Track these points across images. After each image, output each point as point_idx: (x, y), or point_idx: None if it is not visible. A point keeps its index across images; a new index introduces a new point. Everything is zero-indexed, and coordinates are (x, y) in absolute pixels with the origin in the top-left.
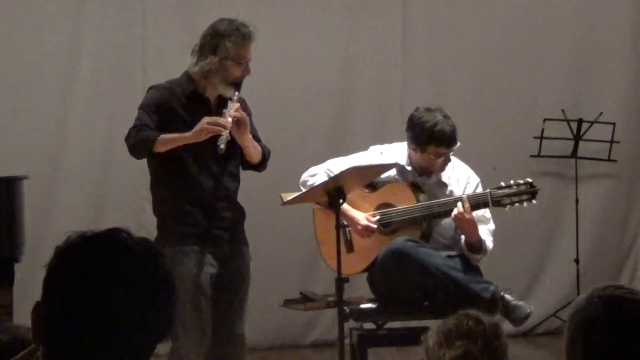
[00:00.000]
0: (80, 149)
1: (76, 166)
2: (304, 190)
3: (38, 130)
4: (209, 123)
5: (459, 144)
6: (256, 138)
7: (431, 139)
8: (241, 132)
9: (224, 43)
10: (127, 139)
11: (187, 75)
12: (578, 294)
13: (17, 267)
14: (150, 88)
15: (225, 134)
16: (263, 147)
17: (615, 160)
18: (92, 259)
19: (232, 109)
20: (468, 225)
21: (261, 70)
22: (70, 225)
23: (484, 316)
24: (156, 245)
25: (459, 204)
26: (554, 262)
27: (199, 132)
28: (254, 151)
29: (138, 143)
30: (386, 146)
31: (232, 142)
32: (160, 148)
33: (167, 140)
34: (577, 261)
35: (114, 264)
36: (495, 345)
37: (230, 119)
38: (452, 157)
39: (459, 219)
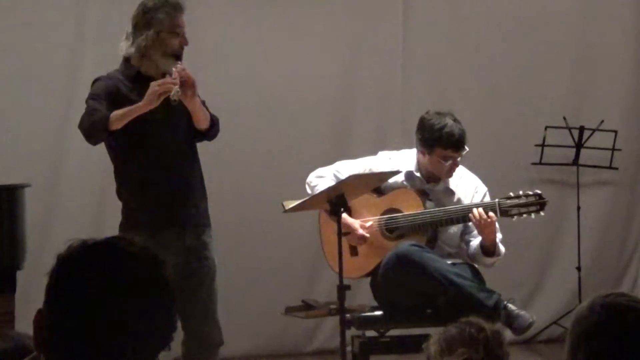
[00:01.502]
0: (80, 156)
1: (77, 173)
2: (309, 190)
3: (39, 137)
4: (157, 85)
5: (467, 149)
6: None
7: (439, 141)
8: (189, 95)
9: (156, 16)
10: (80, 125)
11: (126, 60)
12: (579, 301)
13: (19, 275)
14: (95, 80)
15: (175, 88)
16: (212, 114)
17: (616, 168)
18: (93, 266)
19: (177, 70)
20: (489, 229)
21: (261, 74)
22: (72, 232)
23: (486, 323)
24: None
25: (474, 210)
26: (556, 269)
27: (150, 97)
28: (202, 115)
29: (92, 125)
30: (395, 152)
31: (181, 116)
32: (116, 125)
33: (121, 115)
34: (578, 269)
35: (115, 271)
36: (497, 353)
37: (177, 78)
38: (460, 167)
39: (481, 223)
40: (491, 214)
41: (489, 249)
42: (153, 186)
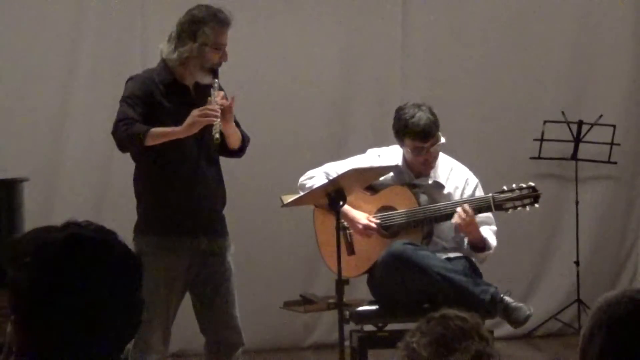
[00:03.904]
0: (79, 150)
1: (76, 168)
2: (301, 192)
3: (37, 131)
4: (199, 115)
5: (443, 140)
6: (236, 124)
7: (406, 130)
8: (226, 120)
9: (203, 29)
10: (114, 133)
11: (164, 63)
12: (578, 296)
13: None
14: (129, 79)
15: (217, 123)
16: (242, 132)
17: (615, 162)
18: (47, 266)
19: (218, 97)
20: (470, 228)
21: (260, 70)
22: None
23: (458, 311)
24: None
25: (458, 211)
26: (554, 264)
27: (191, 125)
28: (236, 137)
29: (128, 137)
30: (384, 149)
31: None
32: (150, 142)
33: (159, 134)
34: (577, 263)
35: (71, 261)
36: (486, 335)
37: (217, 107)
38: (450, 160)
39: (461, 226)
40: (467, 207)
41: (477, 245)
42: (178, 194)
